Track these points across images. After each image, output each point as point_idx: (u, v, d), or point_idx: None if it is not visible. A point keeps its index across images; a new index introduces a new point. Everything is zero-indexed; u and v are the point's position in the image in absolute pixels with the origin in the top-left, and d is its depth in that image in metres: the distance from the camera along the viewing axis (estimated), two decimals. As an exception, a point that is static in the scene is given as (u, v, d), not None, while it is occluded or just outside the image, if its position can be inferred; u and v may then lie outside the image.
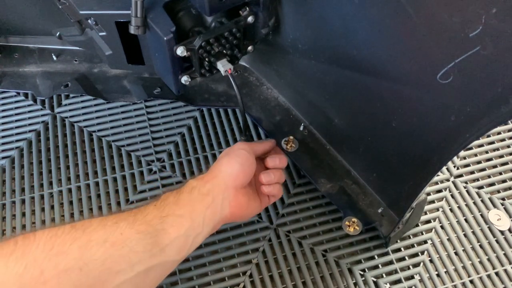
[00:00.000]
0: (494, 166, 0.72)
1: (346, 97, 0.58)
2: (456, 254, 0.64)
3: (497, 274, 0.62)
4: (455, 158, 0.73)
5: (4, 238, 0.64)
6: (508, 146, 0.74)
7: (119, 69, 0.73)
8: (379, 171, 0.61)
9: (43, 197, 0.68)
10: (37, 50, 0.78)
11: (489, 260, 0.63)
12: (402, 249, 0.64)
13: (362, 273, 0.62)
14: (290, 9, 0.55)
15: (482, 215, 0.67)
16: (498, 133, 0.76)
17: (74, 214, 0.66)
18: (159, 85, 0.71)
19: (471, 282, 0.62)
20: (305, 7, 0.53)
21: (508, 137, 0.75)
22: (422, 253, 0.64)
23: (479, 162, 0.73)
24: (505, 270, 0.63)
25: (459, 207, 0.68)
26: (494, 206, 0.68)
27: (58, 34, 0.69)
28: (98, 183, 0.69)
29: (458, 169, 0.72)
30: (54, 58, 0.77)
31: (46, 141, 0.73)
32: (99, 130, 0.74)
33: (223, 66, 0.55)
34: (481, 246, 0.65)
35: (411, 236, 0.65)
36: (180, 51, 0.52)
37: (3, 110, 0.76)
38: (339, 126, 0.63)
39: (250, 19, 0.55)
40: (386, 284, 0.61)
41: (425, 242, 0.65)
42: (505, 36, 0.34)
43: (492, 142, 0.75)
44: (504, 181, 0.71)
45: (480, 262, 0.63)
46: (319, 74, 0.59)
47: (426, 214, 0.67)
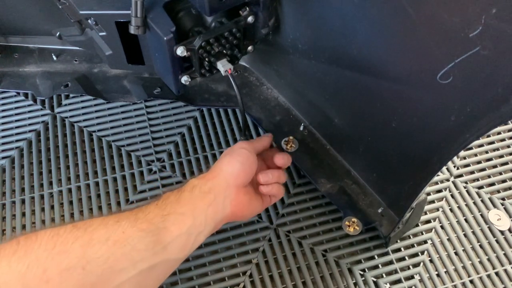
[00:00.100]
0: (494, 166, 0.72)
1: (346, 97, 0.58)
2: (456, 254, 0.64)
3: (497, 274, 0.62)
4: (455, 158, 0.73)
5: (4, 238, 0.65)
6: (508, 146, 0.74)
7: (119, 69, 0.73)
8: (379, 171, 0.61)
9: (43, 197, 0.68)
10: (37, 50, 0.78)
11: (489, 260, 0.63)
12: (402, 249, 0.64)
13: (362, 273, 0.62)
14: (290, 9, 0.55)
15: (482, 215, 0.67)
16: (498, 133, 0.76)
17: (74, 214, 0.66)
18: (159, 85, 0.71)
19: (471, 282, 0.62)
20: (305, 7, 0.53)
21: (508, 137, 0.75)
22: (422, 253, 0.64)
23: (479, 162, 0.73)
24: (505, 270, 0.63)
25: (459, 207, 0.68)
26: (494, 206, 0.68)
27: (58, 34, 0.69)
28: (98, 183, 0.69)
29: (458, 169, 0.72)
30: (54, 58, 0.77)
31: (46, 141, 0.73)
32: (99, 130, 0.74)
33: (223, 66, 0.55)
34: (481, 246, 0.65)
35: (411, 236, 0.65)
36: (180, 51, 0.52)
37: (3, 110, 0.76)
38: (339, 126, 0.63)
39: (250, 19, 0.55)
40: (386, 284, 0.61)
41: (425, 242, 0.65)
42: (505, 36, 0.34)
43: (492, 142, 0.75)
44: (504, 181, 0.71)
45: (480, 262, 0.63)
46: (319, 74, 0.59)
47: (426, 214, 0.67)
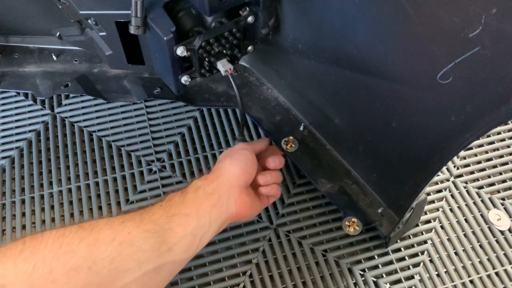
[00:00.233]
0: (494, 166, 0.72)
1: (346, 97, 0.58)
2: (456, 254, 0.64)
3: (497, 274, 0.62)
4: (455, 158, 0.73)
5: (4, 238, 0.65)
6: (508, 146, 0.74)
7: (119, 69, 0.73)
8: (379, 171, 0.61)
9: (43, 197, 0.68)
10: (37, 50, 0.78)
11: (489, 260, 0.63)
12: (402, 249, 0.64)
13: (362, 273, 0.62)
14: (290, 9, 0.55)
15: (482, 215, 0.67)
16: (498, 133, 0.76)
17: (74, 214, 0.66)
18: (159, 85, 0.71)
19: (471, 282, 0.62)
20: (305, 7, 0.53)
21: (508, 137, 0.75)
22: (422, 253, 0.64)
23: (479, 162, 0.72)
24: (505, 270, 0.63)
25: (459, 207, 0.68)
26: (494, 206, 0.68)
27: (58, 34, 0.69)
28: (98, 183, 0.69)
29: (458, 169, 0.72)
30: (54, 58, 0.77)
31: (46, 141, 0.73)
32: (99, 130, 0.74)
33: (223, 66, 0.55)
34: (481, 246, 0.64)
35: (411, 236, 0.65)
36: (180, 51, 0.52)
37: (3, 110, 0.76)
38: (339, 126, 0.63)
39: (250, 19, 0.55)
40: (386, 284, 0.61)
41: (425, 242, 0.65)
42: (505, 36, 0.34)
43: (492, 142, 0.75)
44: (504, 181, 0.71)
45: (480, 262, 0.63)
46: (319, 74, 0.59)
47: (426, 214, 0.67)
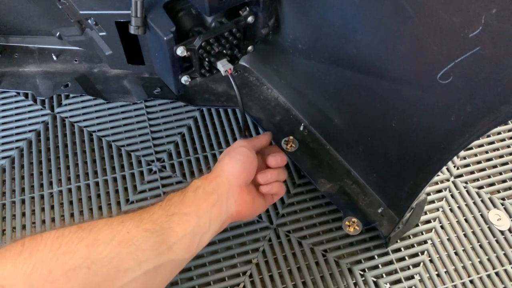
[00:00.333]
0: (494, 166, 0.72)
1: (346, 97, 0.58)
2: (456, 254, 0.64)
3: (497, 274, 0.62)
4: (455, 158, 0.73)
5: (4, 238, 0.65)
6: (508, 146, 0.74)
7: (119, 69, 0.73)
8: (379, 171, 0.61)
9: (43, 197, 0.68)
10: (37, 50, 0.78)
11: (489, 260, 0.63)
12: (402, 249, 0.64)
13: (362, 273, 0.62)
14: (290, 9, 0.55)
15: (482, 215, 0.67)
16: (498, 133, 0.76)
17: (74, 214, 0.66)
18: (159, 85, 0.71)
19: (471, 282, 0.62)
20: (305, 7, 0.53)
21: (508, 137, 0.75)
22: (422, 253, 0.64)
23: (479, 162, 0.72)
24: (505, 270, 0.63)
25: (459, 207, 0.68)
26: (494, 206, 0.68)
27: (58, 34, 0.69)
28: (98, 183, 0.69)
29: (458, 169, 0.72)
30: (54, 58, 0.77)
31: (46, 141, 0.73)
32: (99, 130, 0.74)
33: (223, 66, 0.55)
34: (481, 246, 0.64)
35: (411, 236, 0.65)
36: (180, 51, 0.52)
37: (3, 110, 0.76)
38: (339, 126, 0.63)
39: (250, 19, 0.55)
40: (386, 284, 0.61)
41: (425, 242, 0.65)
42: (505, 36, 0.34)
43: (492, 142, 0.75)
44: (504, 181, 0.71)
45: (480, 262, 0.63)
46: (319, 74, 0.59)
47: (426, 214, 0.67)
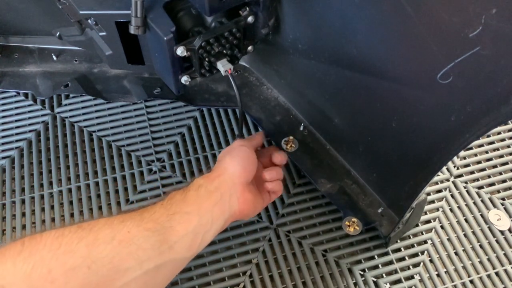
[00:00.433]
0: (494, 166, 0.72)
1: (346, 97, 0.58)
2: (456, 254, 0.64)
3: (497, 274, 0.62)
4: (455, 158, 0.73)
5: (4, 238, 0.65)
6: (508, 146, 0.74)
7: (119, 69, 0.73)
8: (379, 171, 0.61)
9: (43, 197, 0.68)
10: (37, 50, 0.78)
11: (489, 260, 0.63)
12: (402, 249, 0.64)
13: (362, 273, 0.62)
14: (290, 9, 0.55)
15: (482, 215, 0.67)
16: (498, 133, 0.76)
17: (74, 214, 0.66)
18: (159, 85, 0.71)
19: (471, 282, 0.62)
20: (305, 7, 0.53)
21: (508, 137, 0.75)
22: (422, 253, 0.64)
23: (479, 162, 0.72)
24: (505, 270, 0.63)
25: (459, 207, 0.68)
26: (494, 206, 0.68)
27: (58, 34, 0.69)
28: (98, 183, 0.69)
29: (458, 169, 0.72)
30: (54, 58, 0.77)
31: (46, 141, 0.73)
32: (99, 130, 0.74)
33: (223, 66, 0.55)
34: (481, 246, 0.64)
35: (411, 236, 0.65)
36: (180, 51, 0.52)
37: (3, 110, 0.76)
38: (339, 126, 0.63)
39: (250, 19, 0.55)
40: (386, 284, 0.61)
41: (425, 242, 0.65)
42: (505, 36, 0.34)
43: (492, 142, 0.75)
44: (504, 181, 0.71)
45: (480, 262, 0.63)
46: (319, 74, 0.59)
47: (426, 214, 0.67)
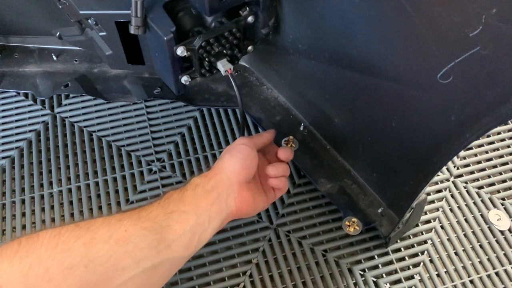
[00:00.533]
0: (494, 166, 0.72)
1: (346, 97, 0.58)
2: (456, 254, 0.64)
3: (497, 274, 0.62)
4: (455, 158, 0.72)
5: (4, 238, 0.65)
6: (508, 146, 0.74)
7: (119, 69, 0.73)
8: (379, 171, 0.61)
9: (43, 197, 0.68)
10: (37, 50, 0.78)
11: (489, 260, 0.63)
12: (402, 249, 0.64)
13: (362, 273, 0.62)
14: (290, 9, 0.55)
15: (482, 215, 0.67)
16: (498, 133, 0.76)
17: (74, 214, 0.66)
18: (159, 85, 0.71)
19: (471, 282, 0.62)
20: (305, 7, 0.53)
21: (508, 137, 0.75)
22: (422, 253, 0.64)
23: (479, 162, 0.72)
24: (505, 270, 0.63)
25: (459, 207, 0.68)
26: (494, 206, 0.68)
27: (58, 34, 0.69)
28: (98, 183, 0.69)
29: (458, 169, 0.72)
30: (54, 58, 0.77)
31: (46, 141, 0.73)
32: (99, 130, 0.74)
33: (223, 66, 0.55)
34: (481, 246, 0.64)
35: (411, 236, 0.65)
36: (180, 51, 0.52)
37: (3, 110, 0.76)
38: (339, 126, 0.63)
39: (250, 19, 0.55)
40: (386, 284, 0.61)
41: (425, 242, 0.65)
42: (505, 36, 0.34)
43: (492, 142, 0.75)
44: (504, 181, 0.71)
45: (480, 262, 0.63)
46: (319, 74, 0.59)
47: (426, 214, 0.67)
